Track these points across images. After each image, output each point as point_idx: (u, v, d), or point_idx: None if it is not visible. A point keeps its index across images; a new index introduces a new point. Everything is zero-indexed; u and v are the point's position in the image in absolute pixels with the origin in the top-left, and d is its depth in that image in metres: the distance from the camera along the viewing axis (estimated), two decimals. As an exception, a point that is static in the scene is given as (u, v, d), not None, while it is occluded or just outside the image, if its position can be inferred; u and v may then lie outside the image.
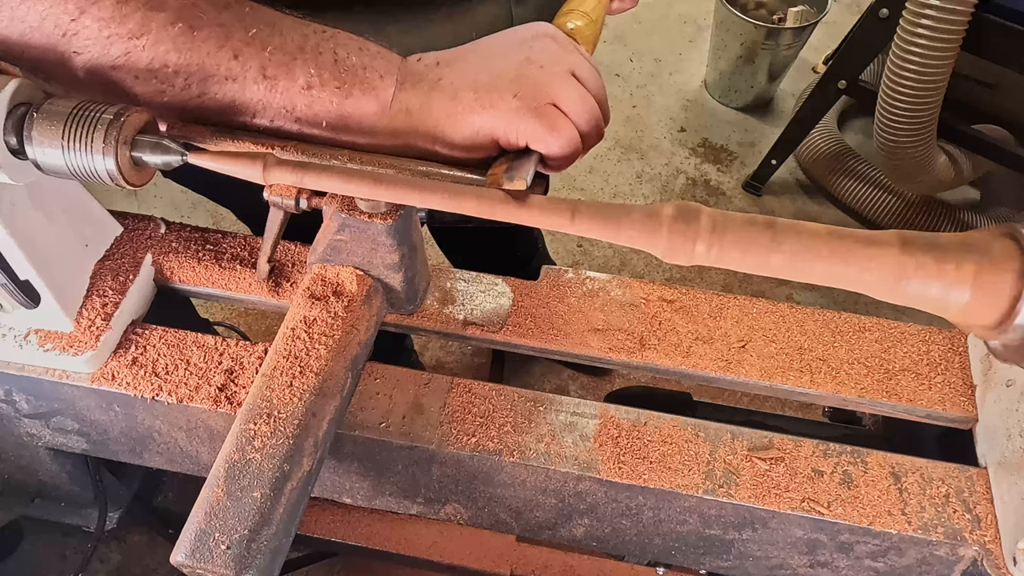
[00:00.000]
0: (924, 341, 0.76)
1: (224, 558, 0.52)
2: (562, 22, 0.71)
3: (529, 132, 0.55)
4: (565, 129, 0.56)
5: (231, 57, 0.54)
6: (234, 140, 0.58)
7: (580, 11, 0.71)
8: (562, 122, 0.56)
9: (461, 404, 0.71)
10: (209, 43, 0.54)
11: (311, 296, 0.66)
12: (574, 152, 0.57)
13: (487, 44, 0.60)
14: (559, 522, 0.75)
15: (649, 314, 0.77)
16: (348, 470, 0.74)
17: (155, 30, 0.52)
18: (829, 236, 0.47)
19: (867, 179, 2.19)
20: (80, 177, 0.54)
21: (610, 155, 2.39)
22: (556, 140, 0.56)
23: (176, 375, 0.70)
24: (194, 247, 0.78)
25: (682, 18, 2.80)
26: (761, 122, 2.51)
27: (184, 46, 0.53)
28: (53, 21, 0.51)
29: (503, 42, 0.60)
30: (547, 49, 0.58)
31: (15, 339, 0.70)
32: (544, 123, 0.55)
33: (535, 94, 0.56)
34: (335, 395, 0.62)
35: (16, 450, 0.82)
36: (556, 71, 0.57)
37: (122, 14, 0.51)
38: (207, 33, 0.54)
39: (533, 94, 0.56)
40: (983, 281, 0.45)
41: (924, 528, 0.65)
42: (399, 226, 0.64)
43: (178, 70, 0.54)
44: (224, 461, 0.56)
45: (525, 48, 0.58)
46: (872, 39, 1.77)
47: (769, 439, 0.69)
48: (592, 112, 0.58)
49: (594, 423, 0.70)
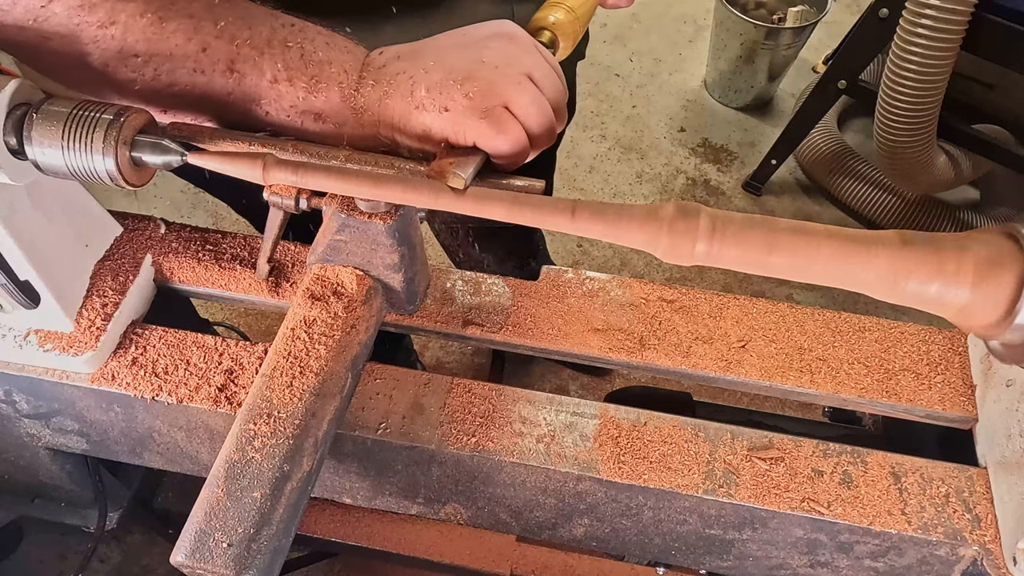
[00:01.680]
0: (924, 341, 0.76)
1: (224, 558, 0.52)
2: (544, 15, 0.70)
3: (476, 133, 0.56)
4: (512, 132, 0.56)
5: (200, 50, 0.55)
6: (234, 140, 0.58)
7: (564, 5, 0.71)
8: (510, 125, 0.56)
9: (461, 404, 0.71)
10: (178, 35, 0.54)
11: (311, 296, 0.66)
12: (521, 153, 0.57)
13: (446, 40, 0.60)
14: (559, 522, 0.75)
15: (649, 314, 0.77)
16: (348, 470, 0.74)
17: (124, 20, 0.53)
18: (829, 236, 0.47)
19: (867, 179, 2.19)
20: (80, 177, 0.54)
21: (610, 155, 2.39)
22: (503, 142, 0.56)
23: (176, 375, 0.70)
24: (194, 247, 0.78)
25: (682, 18, 2.80)
26: (761, 122, 2.51)
27: (153, 37, 0.54)
28: (24, 6, 0.52)
29: (461, 40, 0.60)
30: (503, 50, 0.58)
31: (15, 339, 0.70)
32: (492, 125, 0.55)
33: (485, 95, 0.56)
34: (335, 395, 0.62)
35: (16, 450, 0.82)
36: (510, 73, 0.57)
37: (91, 3, 0.52)
38: (176, 25, 0.54)
39: (483, 95, 0.56)
40: (983, 281, 0.45)
41: (924, 528, 0.65)
42: (399, 226, 0.64)
43: (147, 60, 0.54)
44: (224, 461, 0.56)
45: (481, 47, 0.58)
46: (872, 39, 1.77)
47: (769, 439, 0.69)
48: (544, 115, 0.58)
49: (594, 423, 0.70)
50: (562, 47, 0.71)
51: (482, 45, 0.58)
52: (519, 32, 0.60)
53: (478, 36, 0.59)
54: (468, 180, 0.53)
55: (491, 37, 0.59)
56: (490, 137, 0.55)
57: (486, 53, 0.57)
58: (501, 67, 0.57)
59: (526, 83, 0.57)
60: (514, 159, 0.58)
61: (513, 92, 0.56)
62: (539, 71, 0.58)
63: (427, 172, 0.56)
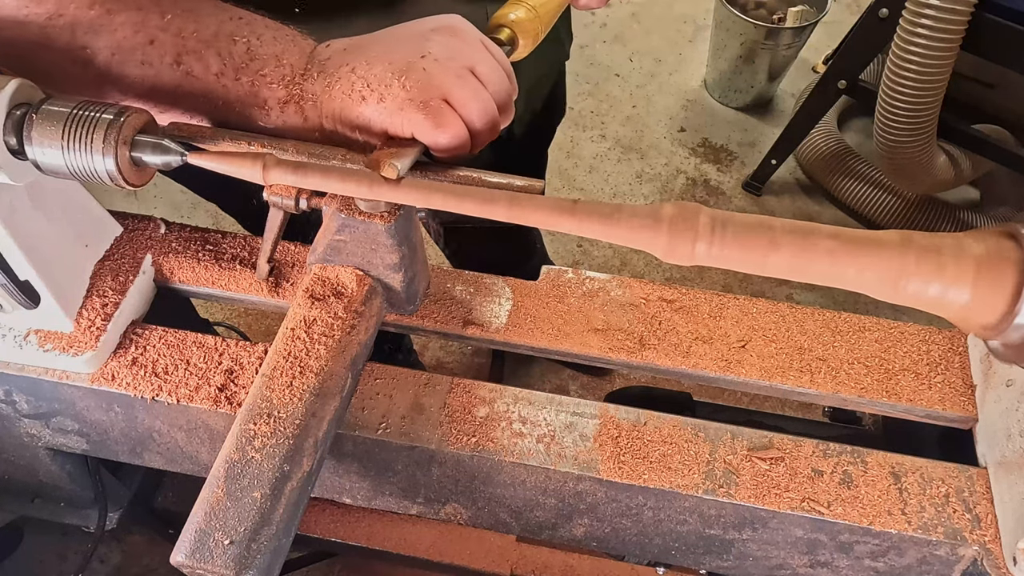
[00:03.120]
0: (924, 341, 0.76)
1: (224, 558, 0.52)
2: (505, 12, 0.70)
3: (413, 125, 0.56)
4: (450, 125, 0.56)
5: (147, 42, 0.55)
6: (234, 140, 0.58)
7: (526, 4, 0.71)
8: (448, 118, 0.56)
9: (461, 404, 0.71)
10: (126, 27, 0.54)
11: (311, 296, 0.66)
12: (461, 146, 0.57)
13: (392, 34, 0.60)
14: (559, 522, 0.75)
15: (649, 314, 0.77)
16: (348, 470, 0.74)
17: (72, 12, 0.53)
18: (829, 236, 0.47)
19: (867, 179, 2.19)
20: (80, 177, 0.54)
21: (610, 155, 2.39)
22: (441, 135, 0.56)
23: (176, 375, 0.70)
24: (194, 247, 0.78)
25: (682, 18, 2.80)
26: (761, 122, 2.51)
27: (101, 28, 0.54)
28: None
29: (406, 33, 0.60)
30: (445, 43, 0.58)
31: (15, 339, 0.70)
32: (429, 118, 0.55)
33: (424, 88, 0.56)
34: (335, 395, 0.62)
35: (16, 450, 0.82)
36: (450, 66, 0.57)
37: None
38: (124, 18, 0.54)
39: (421, 87, 0.56)
40: (983, 281, 0.45)
41: (924, 528, 0.65)
42: (399, 226, 0.64)
43: (96, 52, 0.55)
44: (224, 461, 0.56)
45: (423, 40, 0.58)
46: (872, 39, 1.77)
47: (769, 439, 0.69)
48: (486, 109, 0.58)
49: (594, 423, 0.70)
50: (522, 44, 0.71)
51: (425, 38, 0.58)
52: (465, 26, 0.60)
53: (423, 29, 0.59)
54: (402, 171, 0.53)
55: (435, 30, 0.59)
56: (427, 129, 0.55)
57: (428, 46, 0.57)
58: (442, 60, 0.57)
59: (467, 77, 0.57)
60: (454, 152, 0.58)
61: (452, 85, 0.56)
62: (483, 65, 0.58)
63: (365, 163, 0.56)
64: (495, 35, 0.69)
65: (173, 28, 0.56)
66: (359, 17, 0.74)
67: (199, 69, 0.56)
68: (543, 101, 1.10)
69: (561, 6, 0.77)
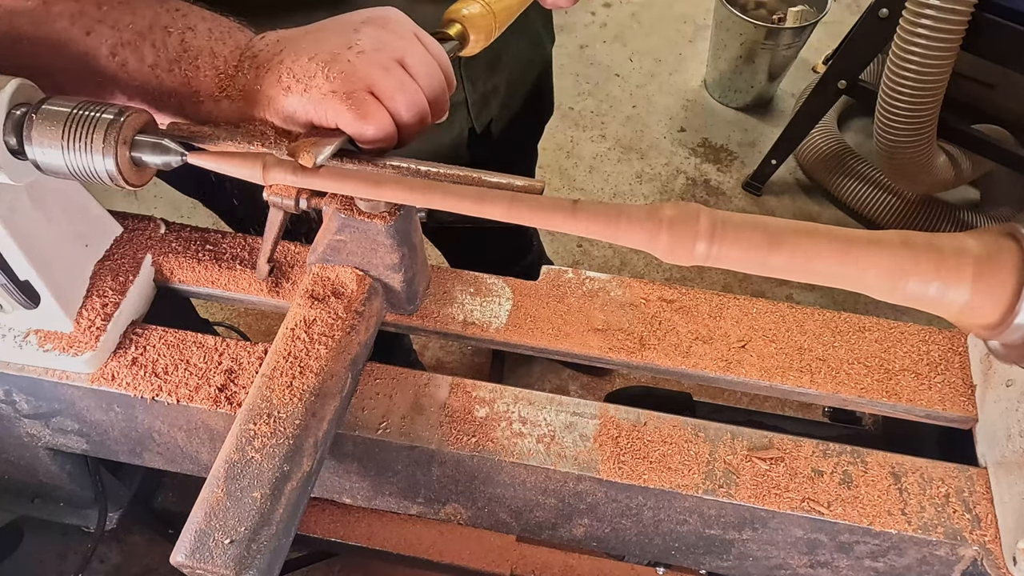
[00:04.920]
0: (924, 341, 0.76)
1: (224, 558, 0.52)
2: (458, 7, 0.70)
3: (337, 116, 0.56)
4: (374, 117, 0.56)
5: (84, 33, 0.56)
6: (234, 140, 0.58)
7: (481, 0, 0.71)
8: (372, 108, 0.56)
9: (461, 404, 0.70)
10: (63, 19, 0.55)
11: (311, 296, 0.66)
12: (387, 138, 0.57)
13: (324, 26, 0.60)
14: (559, 522, 0.75)
15: (649, 314, 0.77)
16: (348, 470, 0.74)
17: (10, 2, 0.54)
18: (828, 236, 0.47)
19: (867, 179, 2.19)
20: (80, 177, 0.54)
21: (610, 155, 2.39)
22: (365, 126, 0.56)
23: (176, 375, 0.70)
24: (194, 247, 0.78)
25: (682, 18, 2.80)
26: (761, 122, 2.51)
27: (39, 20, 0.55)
28: None
29: (337, 25, 0.60)
30: (375, 35, 0.58)
31: (15, 339, 0.70)
32: (352, 109, 0.55)
33: (348, 79, 0.55)
34: (335, 395, 0.62)
35: (16, 450, 0.82)
36: (377, 58, 0.57)
37: None
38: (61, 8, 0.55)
39: (345, 78, 0.55)
40: (983, 281, 0.45)
41: (924, 528, 0.65)
42: (399, 226, 0.64)
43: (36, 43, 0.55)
44: (224, 461, 0.56)
45: (352, 32, 0.58)
46: (872, 39, 1.77)
47: (769, 439, 0.69)
48: (413, 101, 0.57)
49: (594, 423, 0.70)
50: (473, 40, 0.71)
51: (355, 30, 0.58)
52: (398, 18, 0.60)
53: (354, 21, 0.59)
54: (319, 159, 0.53)
55: (366, 22, 0.59)
56: (351, 120, 0.55)
57: (357, 37, 0.57)
58: (368, 52, 0.57)
59: (395, 68, 0.57)
60: (380, 143, 0.58)
61: (378, 77, 0.56)
62: (412, 57, 0.58)
63: (287, 150, 0.56)
64: (445, 29, 0.69)
65: (109, 20, 0.56)
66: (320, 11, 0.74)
67: (134, 61, 0.57)
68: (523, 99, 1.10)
69: (522, 4, 0.76)
